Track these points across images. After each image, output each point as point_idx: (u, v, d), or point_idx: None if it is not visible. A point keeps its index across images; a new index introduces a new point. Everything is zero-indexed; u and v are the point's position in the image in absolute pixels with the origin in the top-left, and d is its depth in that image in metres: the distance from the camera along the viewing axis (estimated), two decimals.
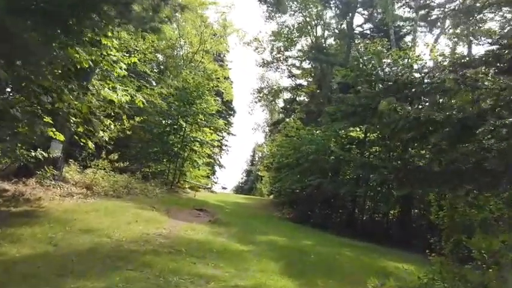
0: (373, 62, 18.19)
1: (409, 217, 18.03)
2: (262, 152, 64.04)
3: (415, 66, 19.11)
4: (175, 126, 22.52)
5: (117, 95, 10.21)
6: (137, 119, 13.42)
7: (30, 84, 6.79)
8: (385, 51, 17.82)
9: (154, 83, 20.83)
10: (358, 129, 20.67)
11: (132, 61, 10.98)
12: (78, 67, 8.76)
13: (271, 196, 36.98)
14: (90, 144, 10.19)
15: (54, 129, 9.35)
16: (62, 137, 9.49)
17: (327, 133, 20.10)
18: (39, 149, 10.01)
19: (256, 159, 72.58)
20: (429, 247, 14.87)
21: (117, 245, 6.23)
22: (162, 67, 29.48)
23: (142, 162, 22.55)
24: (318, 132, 23.46)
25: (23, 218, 6.93)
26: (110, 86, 10.59)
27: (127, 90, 10.32)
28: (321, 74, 27.74)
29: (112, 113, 14.26)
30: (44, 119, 8.83)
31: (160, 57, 31.37)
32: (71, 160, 15.19)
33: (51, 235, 6.15)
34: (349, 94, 20.20)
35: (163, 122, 22.63)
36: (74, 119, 8.88)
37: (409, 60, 18.18)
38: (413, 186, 15.62)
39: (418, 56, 17.58)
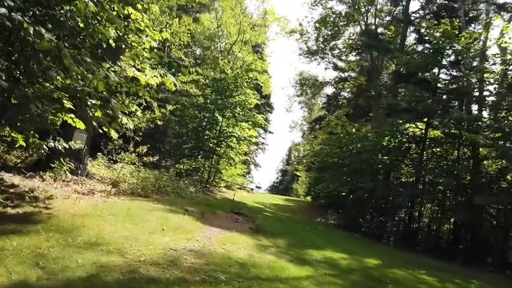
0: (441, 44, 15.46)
1: (481, 229, 15.18)
2: (299, 151, 61.68)
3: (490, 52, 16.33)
4: (211, 120, 20.87)
5: (146, 75, 8.50)
6: (169, 107, 11.78)
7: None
8: (456, 32, 15.05)
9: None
10: (414, 125, 17.89)
11: (164, 37, 9.23)
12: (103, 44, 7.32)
13: (309, 197, 34.72)
14: (113, 134, 8.54)
15: (73, 116, 7.85)
16: (81, 125, 7.95)
17: (383, 129, 17.53)
18: (58, 139, 8.58)
19: (292, 158, 70.38)
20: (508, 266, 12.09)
21: (130, 269, 4.41)
22: (199, 61, 28.07)
23: (177, 158, 21.18)
24: (367, 128, 21.03)
25: (17, 224, 5.32)
26: (139, 66, 8.97)
27: (157, 70, 8.56)
28: (370, 65, 25.08)
29: (143, 102, 12.87)
30: (64, 104, 7.35)
31: (197, 51, 30.13)
32: (98, 153, 13.89)
33: (42, 251, 4.45)
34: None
35: (199, 115, 21.04)
36: (91, 100, 7.23)
37: (486, 44, 15.45)
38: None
39: (500, 38, 14.67)
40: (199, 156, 21.34)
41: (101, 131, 8.43)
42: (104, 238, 5.39)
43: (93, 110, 7.51)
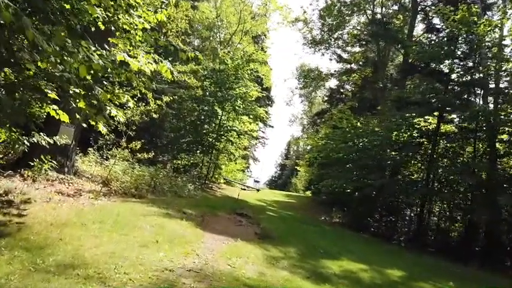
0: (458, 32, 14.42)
1: (498, 229, 14.18)
2: (299, 145, 60.71)
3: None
4: (210, 114, 19.80)
5: (138, 61, 7.41)
6: (165, 99, 10.73)
7: None
8: (475, 19, 13.97)
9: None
10: (423, 119, 16.69)
11: (159, 19, 8.14)
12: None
13: (308, 192, 33.82)
14: (101, 127, 7.49)
15: (56, 107, 6.79)
16: (66, 117, 6.87)
17: (394, 123, 16.49)
18: (41, 134, 7.56)
19: (291, 152, 69.46)
20: None
21: None
22: (197, 52, 26.85)
23: (174, 153, 20.16)
24: (374, 122, 20.01)
25: None
26: (131, 52, 7.88)
27: (151, 55, 7.49)
28: (376, 56, 24.01)
29: (137, 94, 11.77)
30: (48, 94, 6.32)
31: (196, 41, 29.00)
32: (90, 149, 12.84)
33: None
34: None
35: (198, 108, 19.96)
36: (74, 89, 6.18)
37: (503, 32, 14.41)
38: None
39: None
40: (198, 151, 20.35)
41: (84, 124, 7.42)
42: (83, 256, 4.38)
43: (76, 100, 6.48)
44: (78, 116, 6.97)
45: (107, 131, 8.80)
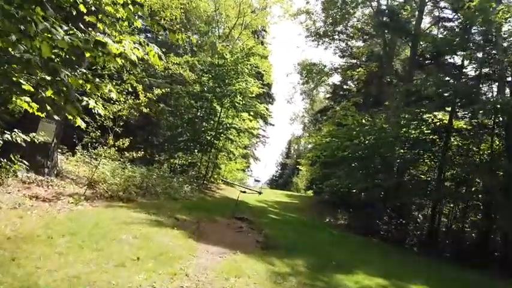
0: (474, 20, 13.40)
1: None
2: (300, 143, 59.64)
3: None
4: (209, 111, 18.79)
5: (123, 46, 6.36)
6: (156, 91, 9.71)
7: None
8: (493, 5, 12.94)
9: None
10: (432, 115, 15.52)
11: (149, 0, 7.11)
12: None
13: (310, 192, 32.89)
14: (79, 122, 6.46)
15: (28, 99, 5.75)
16: (35, 109, 5.83)
17: (406, 118, 15.44)
18: (15, 130, 6.59)
19: (292, 151, 68.41)
20: None
21: None
22: (195, 48, 25.81)
23: (171, 152, 19.16)
24: (382, 118, 18.98)
25: None
26: (117, 38, 6.84)
27: (135, 35, 6.46)
28: (383, 50, 22.95)
29: (128, 87, 10.75)
30: (22, 85, 5.30)
31: (194, 37, 27.94)
32: (77, 148, 11.83)
33: None
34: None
35: (195, 105, 18.93)
36: (41, 74, 5.16)
37: None
38: None
39: None
40: (196, 150, 19.31)
41: (56, 117, 6.41)
42: (35, 284, 3.37)
43: (44, 88, 5.44)
44: (48, 107, 5.97)
45: (87, 126, 7.78)
